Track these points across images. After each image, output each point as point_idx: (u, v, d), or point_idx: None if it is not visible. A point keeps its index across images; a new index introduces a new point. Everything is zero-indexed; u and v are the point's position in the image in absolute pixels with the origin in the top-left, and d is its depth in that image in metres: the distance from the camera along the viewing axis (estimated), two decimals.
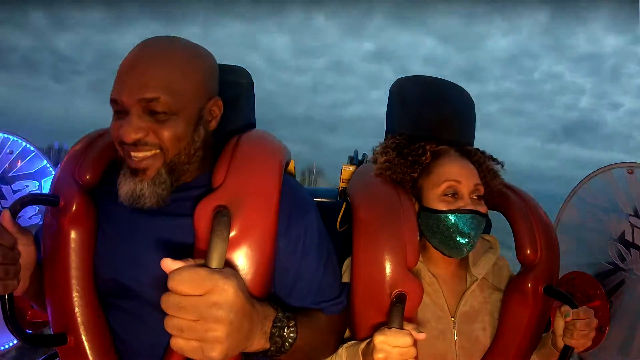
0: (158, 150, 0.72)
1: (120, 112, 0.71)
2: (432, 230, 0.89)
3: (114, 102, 0.71)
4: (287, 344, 0.67)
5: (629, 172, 1.20)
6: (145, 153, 0.71)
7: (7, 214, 0.68)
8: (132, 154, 0.71)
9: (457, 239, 0.86)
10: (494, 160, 1.00)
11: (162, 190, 0.73)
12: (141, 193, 0.72)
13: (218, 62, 0.84)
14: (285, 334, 0.67)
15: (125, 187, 0.73)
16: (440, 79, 1.13)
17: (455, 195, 0.88)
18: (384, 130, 1.13)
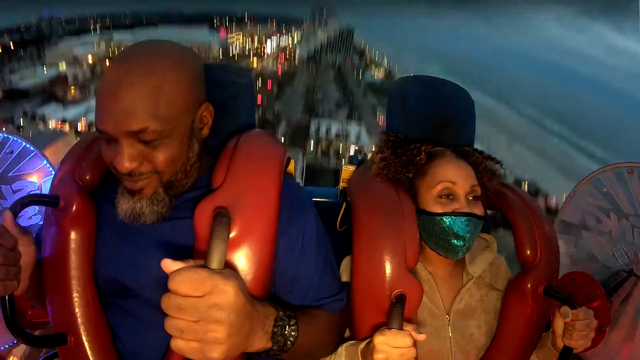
0: (154, 175, 0.71)
1: (109, 139, 0.69)
2: (427, 232, 0.89)
3: (100, 131, 0.68)
4: (289, 342, 0.67)
5: (629, 172, 1.20)
6: (140, 179, 0.70)
7: (8, 215, 0.68)
8: (128, 179, 0.71)
9: (453, 241, 0.86)
10: (492, 159, 1.00)
11: (161, 208, 0.73)
12: (141, 211, 0.72)
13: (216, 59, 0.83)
14: (287, 332, 0.67)
15: (125, 206, 0.72)
16: (441, 79, 1.13)
17: (451, 196, 0.87)
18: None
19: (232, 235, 0.68)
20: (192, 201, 0.74)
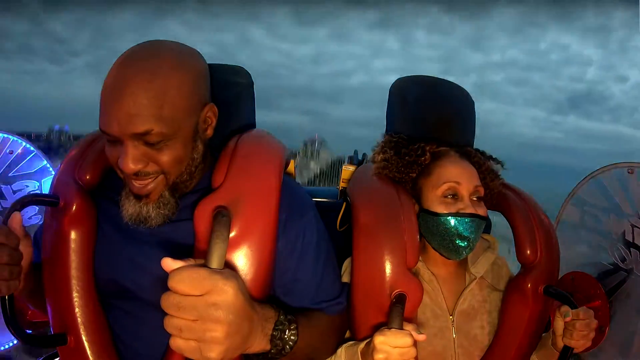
0: (160, 176, 0.71)
1: (114, 140, 0.68)
2: (431, 232, 0.89)
3: (104, 133, 0.68)
4: (287, 346, 0.67)
5: (629, 172, 1.20)
6: (146, 180, 0.70)
7: (17, 216, 0.69)
8: (134, 182, 0.70)
9: (457, 242, 0.86)
10: (494, 160, 1.00)
11: (167, 210, 0.73)
12: (147, 215, 0.72)
13: (218, 59, 0.84)
14: (286, 336, 0.67)
15: (130, 210, 0.72)
16: (441, 78, 1.13)
17: (455, 196, 0.88)
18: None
19: (232, 234, 0.68)
20: (193, 201, 0.74)
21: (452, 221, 0.86)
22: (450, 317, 0.90)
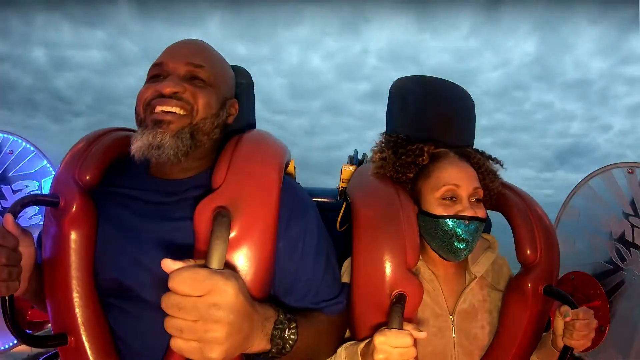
0: (187, 112, 0.76)
1: (159, 76, 0.78)
2: (430, 234, 0.89)
3: (157, 65, 0.79)
4: (287, 345, 0.67)
5: (629, 172, 1.20)
6: (175, 108, 0.75)
7: (10, 218, 0.68)
8: (161, 107, 0.75)
9: (455, 244, 0.86)
10: (494, 160, 0.99)
11: (182, 145, 0.76)
12: (161, 143, 0.74)
13: None
14: (286, 335, 0.67)
15: (143, 139, 0.74)
16: (441, 78, 1.12)
17: (454, 198, 0.88)
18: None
19: (232, 234, 0.68)
20: (193, 200, 0.74)
21: (451, 223, 0.86)
22: (451, 316, 0.91)
